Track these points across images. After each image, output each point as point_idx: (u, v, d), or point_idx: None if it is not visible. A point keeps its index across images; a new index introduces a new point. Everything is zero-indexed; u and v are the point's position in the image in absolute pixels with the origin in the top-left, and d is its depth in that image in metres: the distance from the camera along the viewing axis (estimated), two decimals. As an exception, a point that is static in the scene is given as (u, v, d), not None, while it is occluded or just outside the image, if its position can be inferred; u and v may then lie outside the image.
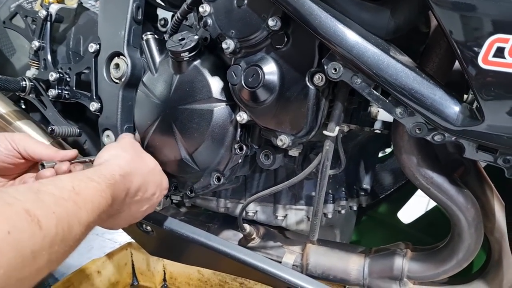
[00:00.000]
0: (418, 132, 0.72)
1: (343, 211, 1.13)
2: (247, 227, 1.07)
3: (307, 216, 1.00)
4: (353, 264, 1.01)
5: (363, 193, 1.22)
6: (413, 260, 0.95)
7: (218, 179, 0.96)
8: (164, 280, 1.64)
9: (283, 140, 0.83)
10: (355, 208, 1.20)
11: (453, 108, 0.68)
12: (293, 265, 1.06)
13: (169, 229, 1.09)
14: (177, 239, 1.09)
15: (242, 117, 0.88)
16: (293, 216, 1.02)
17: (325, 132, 0.82)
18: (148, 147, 1.03)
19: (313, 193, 1.00)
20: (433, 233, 1.22)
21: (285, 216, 1.02)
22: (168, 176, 0.94)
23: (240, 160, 0.94)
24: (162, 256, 1.35)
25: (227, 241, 1.07)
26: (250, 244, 1.12)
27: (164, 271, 1.64)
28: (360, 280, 1.01)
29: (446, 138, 0.72)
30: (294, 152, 0.92)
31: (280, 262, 1.06)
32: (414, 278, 0.96)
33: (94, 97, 1.13)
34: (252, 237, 1.10)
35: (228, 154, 0.94)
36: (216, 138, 0.93)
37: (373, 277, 0.99)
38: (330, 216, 1.05)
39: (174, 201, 1.21)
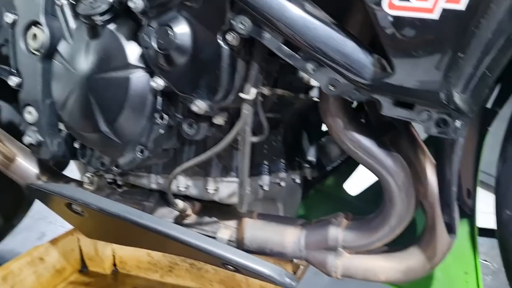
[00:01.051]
0: (332, 89, 0.68)
1: (283, 184, 1.09)
2: (179, 203, 1.01)
3: (240, 190, 0.96)
4: (289, 237, 0.97)
5: (307, 166, 1.18)
6: (348, 230, 0.92)
7: (142, 152, 0.91)
8: (114, 264, 1.59)
9: (199, 106, 0.78)
10: (298, 181, 1.16)
11: (365, 61, 0.64)
12: (228, 240, 1.02)
13: (99, 208, 1.03)
14: (110, 219, 1.04)
15: (158, 83, 0.83)
16: (225, 189, 0.97)
17: (240, 95, 0.76)
18: (66, 123, 0.97)
19: (245, 164, 0.95)
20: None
21: (217, 190, 0.97)
22: (92, 151, 0.88)
23: (161, 131, 0.88)
24: (98, 238, 1.30)
25: (158, 218, 1.03)
26: (186, 221, 1.07)
27: (113, 255, 1.58)
28: (297, 253, 0.97)
29: (361, 95, 0.67)
30: (219, 121, 0.87)
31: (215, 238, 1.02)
32: (349, 248, 0.92)
33: (14, 70, 1.06)
34: (187, 213, 1.06)
35: (149, 124, 0.88)
36: (135, 107, 0.87)
37: (310, 249, 0.96)
38: (266, 188, 1.01)
39: (108, 180, 1.15)
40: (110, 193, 1.17)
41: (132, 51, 0.86)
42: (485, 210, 1.01)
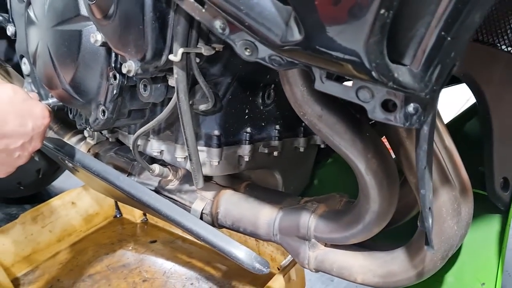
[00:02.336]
0: (248, 53, 0.52)
1: (275, 153, 0.94)
2: (156, 168, 0.94)
3: (208, 159, 0.84)
4: (264, 217, 0.85)
5: (317, 131, 1.01)
6: (321, 219, 0.77)
7: (104, 113, 0.83)
8: (145, 214, 1.60)
9: (128, 67, 0.67)
10: (301, 149, 1.01)
11: (279, 21, 0.47)
12: (203, 213, 0.93)
13: (82, 165, 1.00)
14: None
15: (96, 38, 0.73)
16: (194, 157, 0.86)
17: (170, 57, 0.63)
18: (38, 76, 0.92)
19: (216, 132, 0.83)
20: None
21: (186, 158, 0.87)
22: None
23: (115, 91, 0.79)
24: (98, 191, 1.28)
25: (133, 182, 0.96)
26: (168, 187, 0.99)
27: (144, 205, 1.59)
28: (270, 236, 0.85)
29: (282, 62, 0.51)
30: (172, 82, 0.75)
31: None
32: (322, 240, 0.78)
33: (10, 19, 1.03)
34: (169, 178, 0.98)
35: (104, 83, 0.80)
36: (88, 64, 0.79)
37: (283, 234, 0.82)
38: (246, 159, 0.88)
39: (104, 135, 1.11)
40: (108, 149, 1.13)
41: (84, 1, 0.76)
42: None
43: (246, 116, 0.88)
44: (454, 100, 1.87)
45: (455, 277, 0.83)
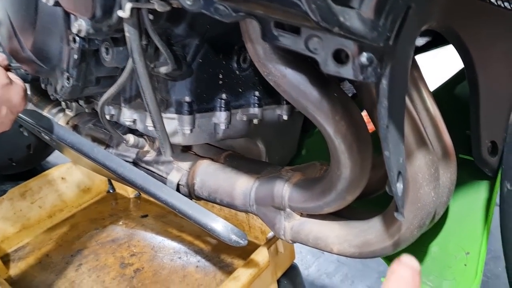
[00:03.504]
0: (190, 2, 0.47)
1: (255, 121, 0.90)
2: (130, 138, 0.90)
3: (180, 127, 0.80)
4: (240, 188, 0.82)
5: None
6: (295, 188, 0.73)
7: (69, 79, 0.80)
8: (137, 189, 1.57)
9: (79, 26, 0.63)
10: (285, 117, 0.96)
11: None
12: (179, 184, 0.89)
13: (57, 137, 0.97)
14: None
15: (49, -2, 0.68)
16: (166, 126, 0.82)
17: (118, 13, 0.59)
18: (3, 45, 0.88)
19: (186, 98, 0.79)
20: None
21: (158, 126, 0.83)
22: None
23: (76, 55, 0.75)
24: (79, 164, 1.26)
25: (108, 154, 0.93)
26: (145, 158, 0.96)
27: (136, 179, 1.56)
28: (247, 207, 0.81)
29: (227, 11, 0.46)
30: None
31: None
32: (296, 209, 0.74)
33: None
34: (145, 149, 0.94)
35: (66, 48, 0.76)
36: (47, 27, 0.75)
37: (259, 205, 0.79)
38: (223, 127, 0.84)
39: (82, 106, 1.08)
40: (87, 120, 1.09)
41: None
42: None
43: (221, 82, 0.83)
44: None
45: (439, 246, 0.79)
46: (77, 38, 0.74)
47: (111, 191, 1.60)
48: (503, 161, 0.59)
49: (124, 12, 0.58)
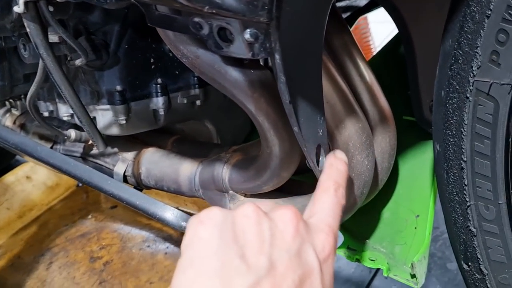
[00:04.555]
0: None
1: (198, 102, 0.87)
2: (71, 132, 0.87)
3: (115, 118, 0.78)
4: (184, 173, 0.80)
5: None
6: (234, 169, 0.71)
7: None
8: (106, 180, 1.55)
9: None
10: (231, 95, 0.94)
11: None
12: (125, 175, 0.87)
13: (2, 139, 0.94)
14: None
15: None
16: (101, 117, 0.79)
17: (14, 9, 0.55)
18: None
19: (117, 87, 0.76)
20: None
21: (94, 119, 0.80)
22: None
23: (-7, 55, 0.72)
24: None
25: (52, 151, 0.90)
26: (92, 152, 0.93)
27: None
28: (193, 192, 0.80)
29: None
30: (53, 39, 0.67)
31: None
32: (238, 190, 0.72)
33: None
34: (90, 143, 0.92)
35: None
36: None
37: (205, 189, 0.77)
38: (162, 112, 0.81)
39: (26, 105, 1.04)
40: (33, 118, 1.06)
41: None
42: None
43: (153, 66, 0.80)
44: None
45: (391, 212, 0.78)
46: (-8, 35, 0.70)
47: (79, 184, 1.58)
48: (432, 121, 0.57)
49: (19, 7, 0.54)
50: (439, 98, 0.55)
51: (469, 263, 0.58)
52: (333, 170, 0.51)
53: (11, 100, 1.05)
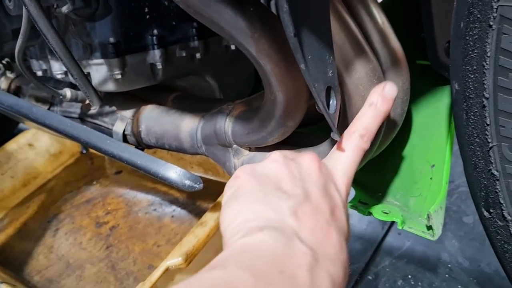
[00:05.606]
0: None
1: (198, 55, 0.83)
2: (66, 92, 0.84)
3: (110, 72, 0.73)
4: (185, 129, 0.76)
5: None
6: (237, 121, 0.67)
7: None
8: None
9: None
10: (233, 47, 0.89)
11: None
12: (125, 134, 0.84)
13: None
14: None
15: None
16: (95, 73, 0.75)
17: None
18: None
19: (111, 39, 0.71)
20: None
21: (88, 75, 0.76)
22: None
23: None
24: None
25: (48, 112, 0.87)
26: (90, 111, 0.90)
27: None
28: (196, 148, 0.76)
29: None
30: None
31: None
32: (242, 144, 0.68)
33: None
34: (87, 102, 0.88)
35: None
36: None
37: (207, 144, 0.73)
38: (159, 66, 0.77)
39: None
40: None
41: None
42: None
43: (148, 16, 0.75)
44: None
45: (404, 162, 0.75)
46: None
47: (84, 151, 1.55)
48: (450, 58, 0.52)
49: None
50: (457, 31, 0.50)
51: (491, 210, 0.54)
52: (369, 112, 0.52)
53: (4, 62, 1.01)
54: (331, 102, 0.50)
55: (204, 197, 1.18)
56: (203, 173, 1.27)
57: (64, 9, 0.62)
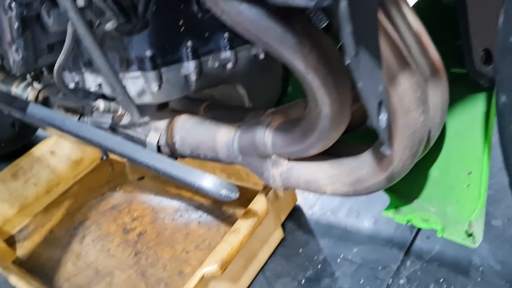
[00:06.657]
0: None
1: (229, 65, 0.83)
2: (100, 103, 0.84)
3: (146, 85, 0.74)
4: (221, 140, 0.76)
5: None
6: (277, 132, 0.67)
7: (17, 51, 0.73)
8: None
9: (4, -8, 0.56)
10: (262, 56, 0.89)
11: None
12: (159, 145, 0.84)
13: (27, 113, 0.91)
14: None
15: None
16: (131, 86, 0.76)
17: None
18: None
19: (147, 53, 0.72)
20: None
21: (125, 88, 0.77)
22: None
23: (17, 24, 0.68)
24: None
25: (81, 124, 0.88)
26: (122, 122, 0.91)
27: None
28: (232, 159, 0.77)
29: None
30: (80, 2, 0.63)
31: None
32: (282, 155, 0.69)
33: None
34: (120, 113, 0.89)
35: (4, 17, 0.69)
36: (-21, -1, 0.68)
37: (245, 155, 0.74)
38: (194, 77, 0.78)
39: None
40: (57, 91, 1.03)
41: None
42: None
43: (183, 28, 0.76)
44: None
45: (440, 169, 0.75)
46: (13, 4, 0.66)
47: (104, 157, 1.56)
48: (496, 70, 0.52)
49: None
50: (506, 45, 0.50)
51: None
52: None
53: (32, 73, 1.02)
54: (380, 116, 0.50)
55: (229, 202, 1.19)
56: (226, 179, 1.28)
57: (109, 25, 0.62)
